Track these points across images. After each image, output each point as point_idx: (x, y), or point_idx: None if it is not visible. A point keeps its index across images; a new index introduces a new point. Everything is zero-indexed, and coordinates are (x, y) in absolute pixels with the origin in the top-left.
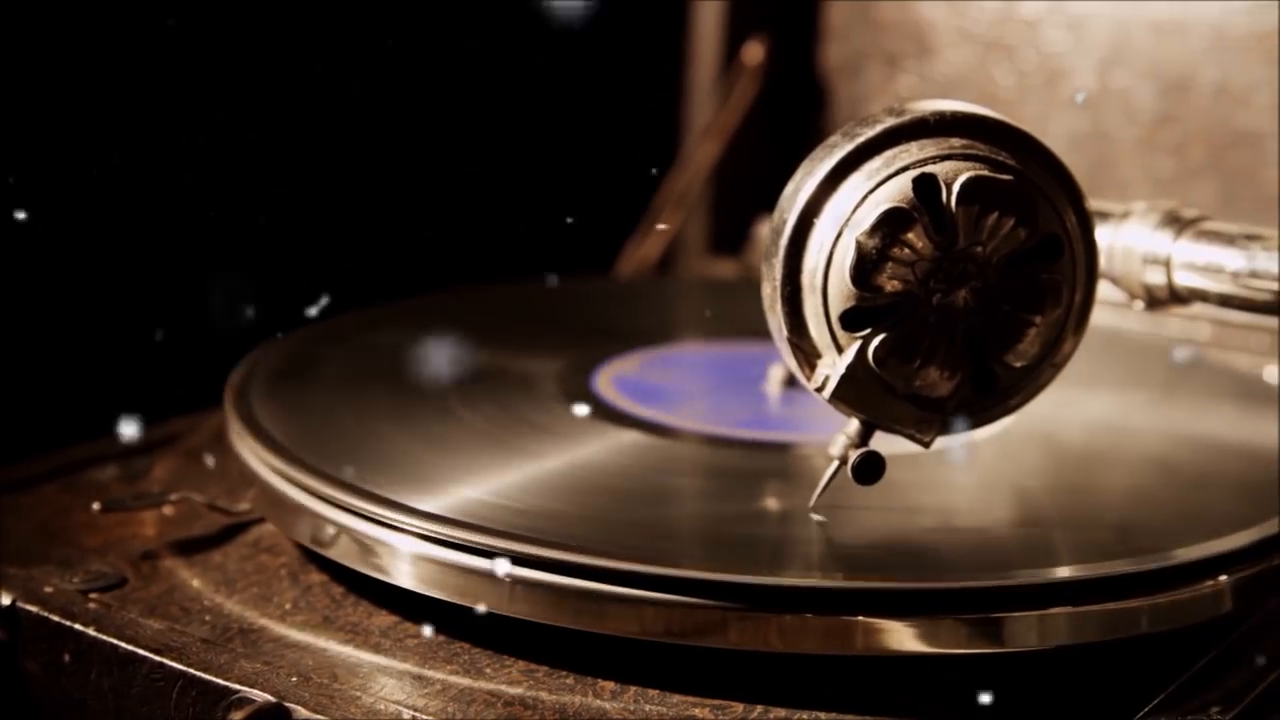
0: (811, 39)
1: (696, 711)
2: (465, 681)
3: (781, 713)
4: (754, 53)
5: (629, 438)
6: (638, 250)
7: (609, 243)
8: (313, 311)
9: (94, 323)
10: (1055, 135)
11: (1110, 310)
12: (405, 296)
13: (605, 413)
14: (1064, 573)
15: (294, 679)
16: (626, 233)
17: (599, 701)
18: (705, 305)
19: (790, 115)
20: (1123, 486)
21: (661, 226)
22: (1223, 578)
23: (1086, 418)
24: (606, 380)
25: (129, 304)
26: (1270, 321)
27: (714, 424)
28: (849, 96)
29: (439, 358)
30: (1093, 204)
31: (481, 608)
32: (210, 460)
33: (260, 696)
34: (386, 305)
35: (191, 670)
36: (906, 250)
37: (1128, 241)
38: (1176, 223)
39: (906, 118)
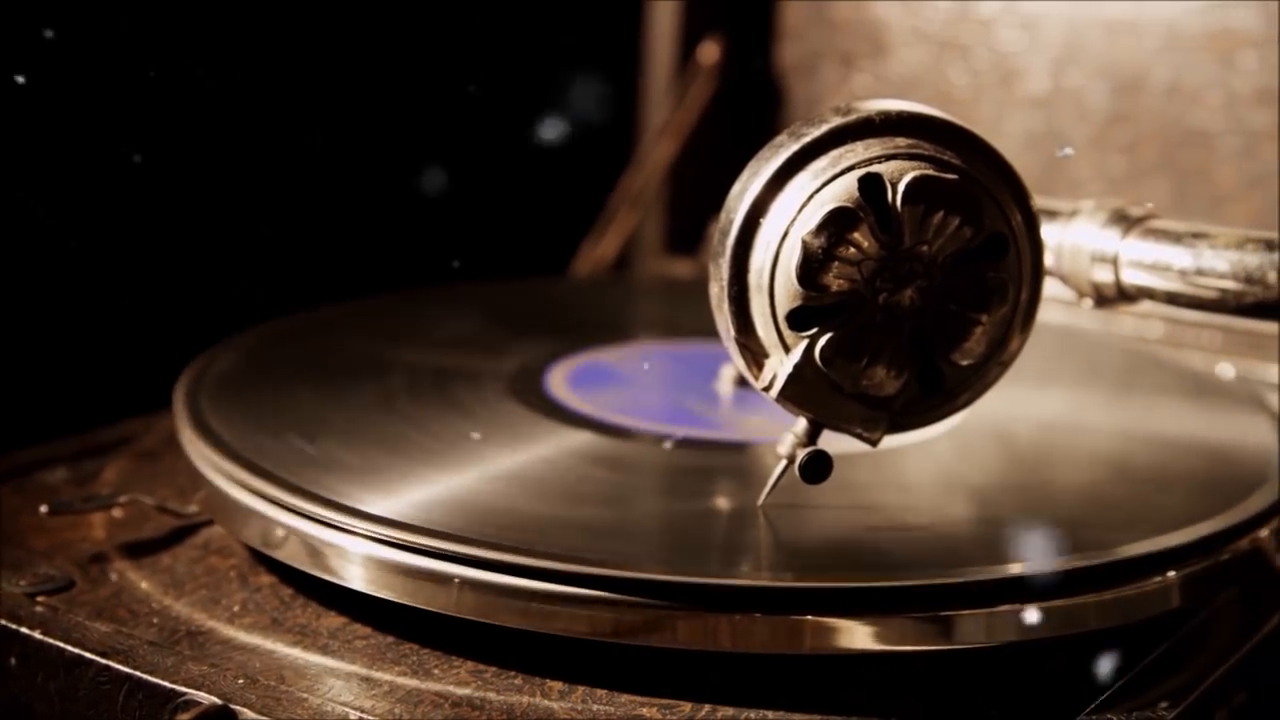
0: (767, 39)
1: (644, 711)
2: (413, 682)
3: (729, 711)
4: (709, 53)
5: (580, 438)
6: (594, 250)
7: (565, 242)
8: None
9: (44, 325)
10: (1010, 134)
11: (1063, 308)
12: (358, 297)
13: (556, 413)
14: (1013, 570)
15: (241, 681)
16: (583, 232)
17: (547, 702)
18: (661, 305)
19: (746, 115)
20: (1075, 484)
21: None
22: (1171, 574)
23: (1040, 416)
24: (559, 380)
25: (80, 306)
26: (1219, 319)
27: (665, 424)
28: (804, 96)
29: (390, 358)
30: (1041, 202)
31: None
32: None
33: (206, 699)
34: (339, 306)
35: (138, 673)
36: (852, 250)
37: (1076, 240)
38: (1124, 221)
39: (852, 117)
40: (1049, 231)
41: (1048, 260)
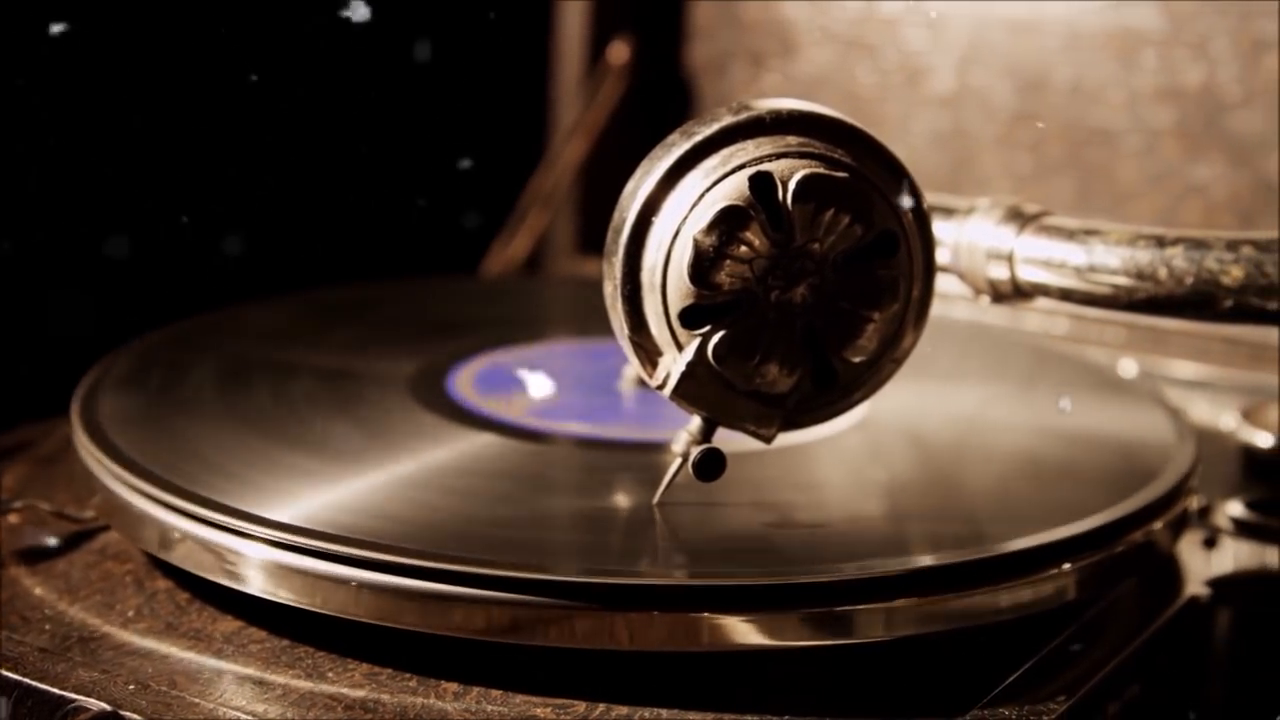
0: (677, 38)
1: (538, 711)
2: (307, 685)
3: (623, 710)
4: (619, 52)
5: (480, 439)
6: (505, 250)
7: (476, 242)
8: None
9: None
10: (917, 134)
11: (970, 305)
12: (263, 299)
13: (457, 414)
14: (909, 564)
15: (132, 687)
16: (493, 232)
17: (441, 703)
18: (571, 305)
19: (657, 114)
20: (973, 479)
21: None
22: (1066, 566)
23: (943, 412)
24: (461, 381)
25: None
26: (1123, 315)
27: (565, 424)
28: (715, 95)
29: (293, 361)
30: (938, 200)
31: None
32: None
33: (96, 705)
34: (242, 308)
35: (28, 680)
36: (744, 248)
37: (972, 237)
38: (1019, 218)
39: (743, 116)
40: (945, 229)
41: (944, 258)
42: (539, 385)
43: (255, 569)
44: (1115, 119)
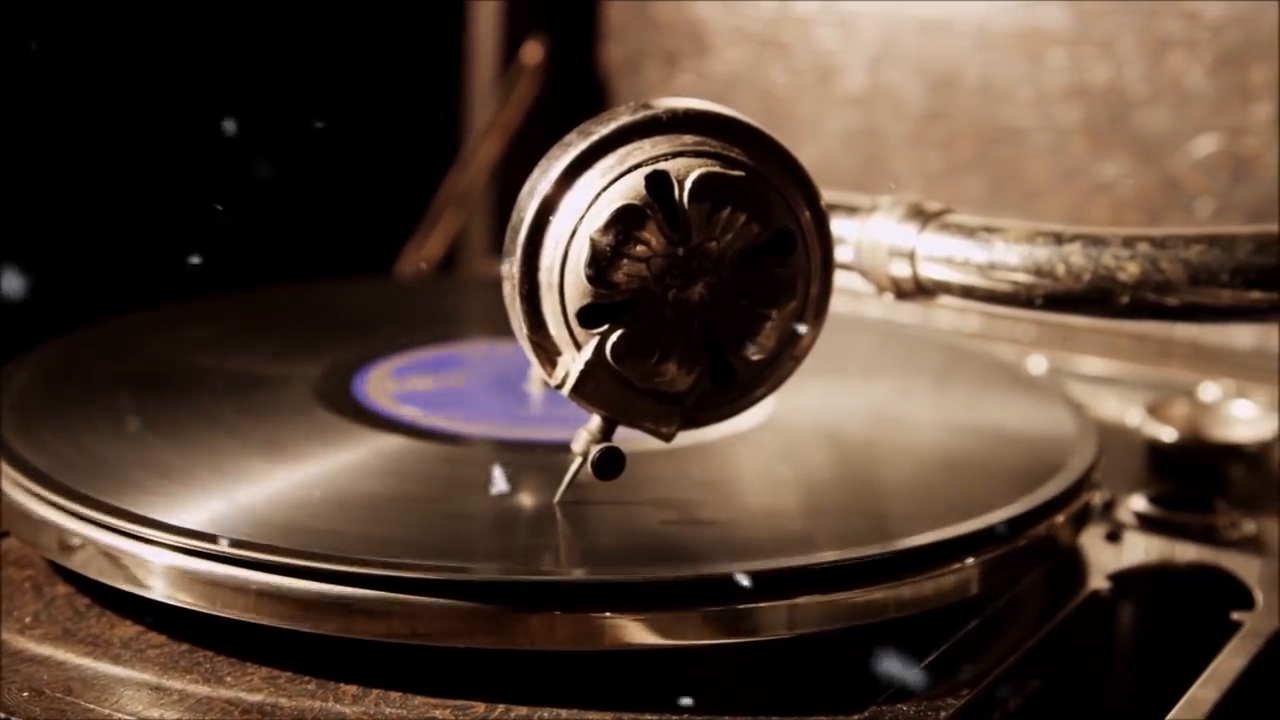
0: (591, 38)
1: (437, 713)
2: (204, 690)
3: (523, 711)
4: (533, 52)
5: (384, 441)
6: (419, 251)
7: (389, 243)
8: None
9: None
10: (829, 132)
11: (882, 303)
12: (173, 301)
13: (361, 416)
14: (811, 561)
15: (26, 694)
16: (407, 233)
17: (339, 706)
18: (483, 306)
19: (571, 115)
20: (882, 475)
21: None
22: (969, 560)
23: (851, 410)
24: (370, 383)
25: None
26: (1029, 312)
27: (470, 425)
28: (629, 95)
29: (200, 364)
30: (841, 198)
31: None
32: None
33: None
34: (149, 312)
35: None
36: (641, 247)
37: (874, 235)
38: (920, 216)
39: (640, 115)
40: (848, 227)
41: (847, 255)
42: (445, 387)
43: (154, 574)
44: (1024, 117)
